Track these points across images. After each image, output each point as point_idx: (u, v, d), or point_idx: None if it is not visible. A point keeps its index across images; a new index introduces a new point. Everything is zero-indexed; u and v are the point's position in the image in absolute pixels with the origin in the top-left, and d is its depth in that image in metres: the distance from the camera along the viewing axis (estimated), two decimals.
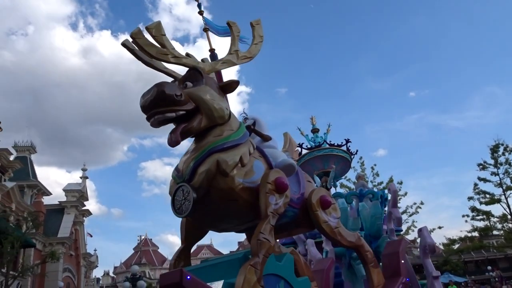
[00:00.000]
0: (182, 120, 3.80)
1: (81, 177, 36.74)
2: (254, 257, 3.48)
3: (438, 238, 54.22)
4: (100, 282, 56.79)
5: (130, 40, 3.92)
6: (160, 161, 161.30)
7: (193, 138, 4.16)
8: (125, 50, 4.00)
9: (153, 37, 3.99)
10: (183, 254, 4.29)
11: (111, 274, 66.58)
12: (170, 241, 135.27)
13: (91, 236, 38.62)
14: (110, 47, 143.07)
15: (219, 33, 5.78)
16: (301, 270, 4.67)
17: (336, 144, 11.62)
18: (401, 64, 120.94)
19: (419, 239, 8.69)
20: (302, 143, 12.04)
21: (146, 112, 3.76)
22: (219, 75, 4.98)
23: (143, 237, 77.03)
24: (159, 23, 4.06)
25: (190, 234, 4.40)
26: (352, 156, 12.03)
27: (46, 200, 32.11)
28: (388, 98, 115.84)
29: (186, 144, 4.36)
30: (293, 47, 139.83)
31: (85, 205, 35.35)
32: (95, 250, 41.15)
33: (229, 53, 4.68)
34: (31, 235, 22.58)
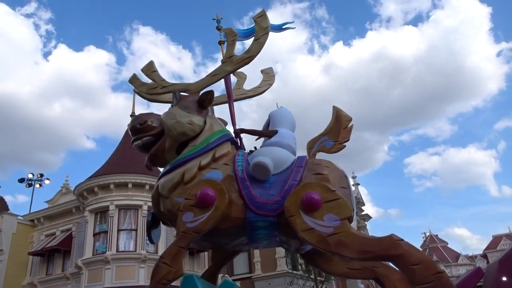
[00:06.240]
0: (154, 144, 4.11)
1: (353, 185, 39.09)
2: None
3: None
4: None
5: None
6: (424, 152, 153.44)
7: None
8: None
9: (147, 75, 4.49)
10: (208, 273, 4.28)
11: None
12: (458, 235, 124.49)
13: None
14: (345, 57, 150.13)
15: (246, 37, 5.27)
16: None
17: None
18: None
19: None
20: None
21: None
22: (227, 84, 4.88)
23: (427, 234, 74.12)
24: (150, 63, 4.52)
25: (215, 254, 4.39)
26: None
27: None
28: None
29: None
30: None
31: (363, 210, 37.23)
32: None
33: (222, 62, 4.50)
34: None
